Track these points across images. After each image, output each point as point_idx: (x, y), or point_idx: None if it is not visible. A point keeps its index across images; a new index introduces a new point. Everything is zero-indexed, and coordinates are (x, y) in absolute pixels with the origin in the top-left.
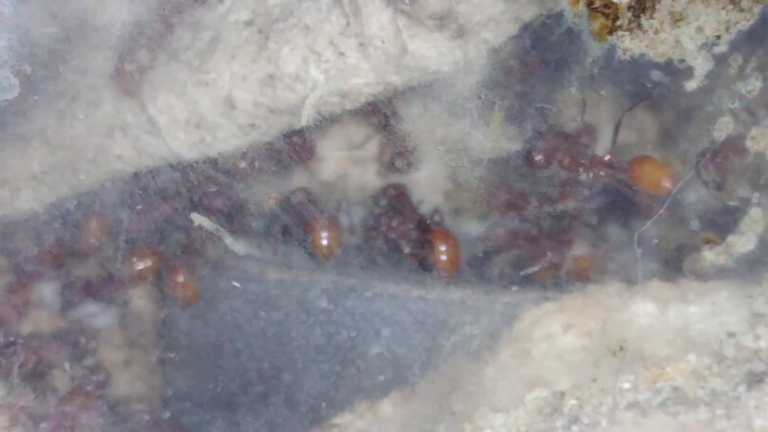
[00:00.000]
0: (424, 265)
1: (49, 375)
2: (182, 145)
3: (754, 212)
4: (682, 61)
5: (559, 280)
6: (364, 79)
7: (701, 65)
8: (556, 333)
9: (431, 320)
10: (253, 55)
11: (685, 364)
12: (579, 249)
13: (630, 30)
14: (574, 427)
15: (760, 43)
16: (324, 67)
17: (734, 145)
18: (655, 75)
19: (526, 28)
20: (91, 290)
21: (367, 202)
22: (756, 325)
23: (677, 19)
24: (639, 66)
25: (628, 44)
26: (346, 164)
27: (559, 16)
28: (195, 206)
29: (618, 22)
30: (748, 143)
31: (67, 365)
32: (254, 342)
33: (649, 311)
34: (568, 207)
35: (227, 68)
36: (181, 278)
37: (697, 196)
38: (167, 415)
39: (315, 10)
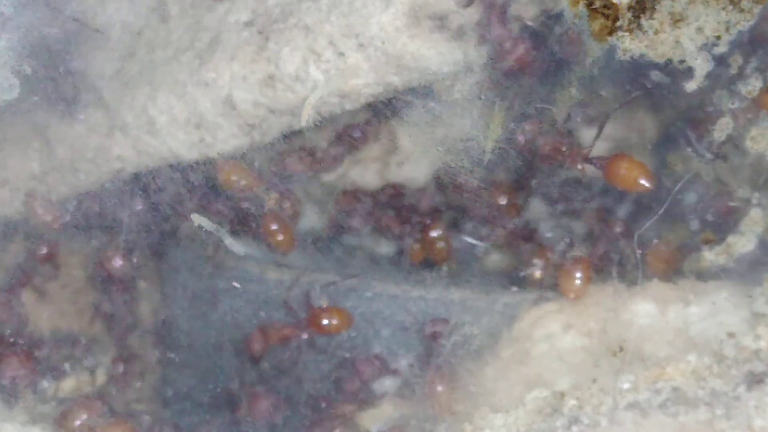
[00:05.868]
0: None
1: None
2: (182, 145)
3: (754, 213)
4: (682, 61)
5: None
6: (364, 80)
7: (701, 66)
8: (556, 333)
9: None
10: (253, 55)
11: (685, 365)
12: (578, 249)
13: (630, 30)
14: (574, 428)
15: (760, 43)
16: (324, 68)
17: None
18: (655, 75)
19: (526, 28)
20: None
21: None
22: (756, 325)
23: (677, 20)
24: (639, 66)
25: (628, 45)
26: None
27: (559, 17)
28: None
29: (618, 23)
30: (748, 143)
31: None
32: None
33: (649, 311)
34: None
35: (227, 68)
36: None
37: (697, 196)
38: (167, 414)
39: (315, 11)
